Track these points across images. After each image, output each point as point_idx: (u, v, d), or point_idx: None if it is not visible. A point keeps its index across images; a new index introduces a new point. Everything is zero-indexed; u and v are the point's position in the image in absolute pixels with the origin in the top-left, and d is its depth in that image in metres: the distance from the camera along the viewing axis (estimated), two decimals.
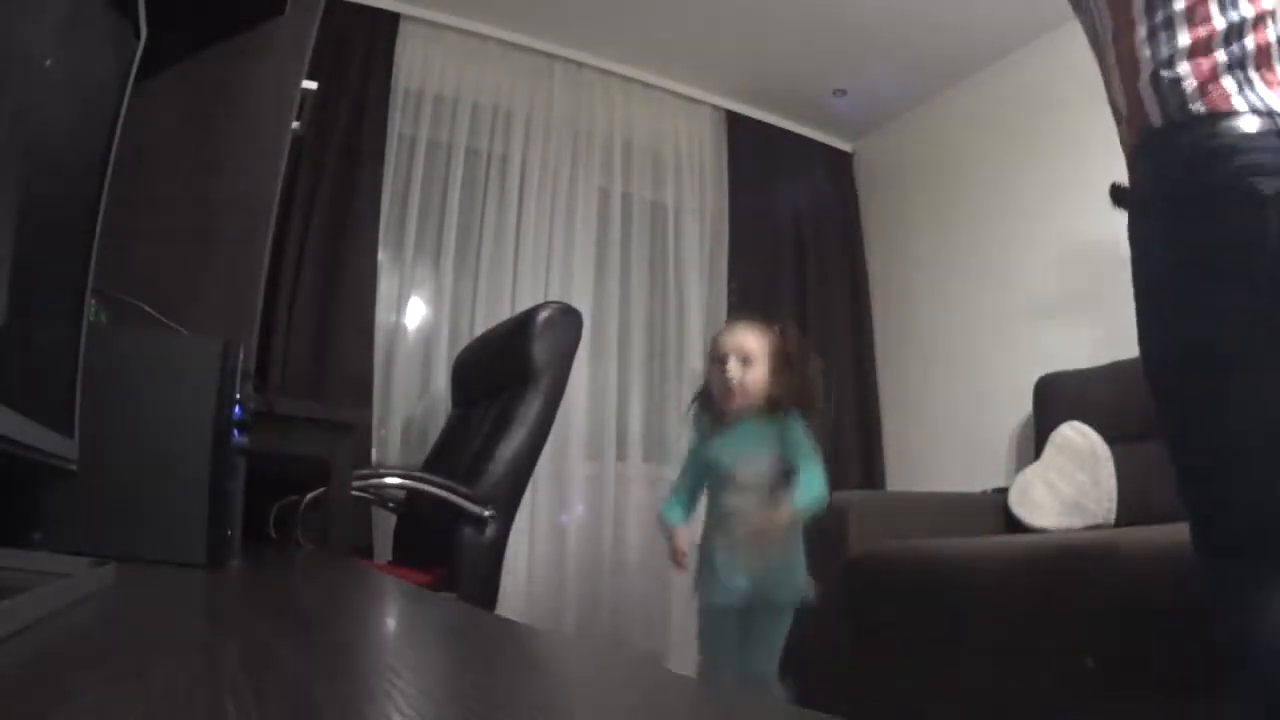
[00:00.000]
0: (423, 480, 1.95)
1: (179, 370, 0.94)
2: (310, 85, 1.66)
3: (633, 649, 2.88)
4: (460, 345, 2.74)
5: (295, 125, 1.63)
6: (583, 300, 3.01)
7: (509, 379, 2.10)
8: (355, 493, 1.82)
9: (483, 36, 3.17)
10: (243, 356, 0.97)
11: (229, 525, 0.93)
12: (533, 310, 2.15)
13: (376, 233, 2.83)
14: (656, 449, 3.12)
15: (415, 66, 3.04)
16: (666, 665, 2.76)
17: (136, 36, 0.82)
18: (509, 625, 0.75)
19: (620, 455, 3.08)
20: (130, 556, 0.83)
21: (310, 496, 1.69)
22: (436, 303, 3.00)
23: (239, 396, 0.96)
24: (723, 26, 3.13)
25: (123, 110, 0.79)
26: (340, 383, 2.65)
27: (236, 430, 0.95)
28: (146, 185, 1.40)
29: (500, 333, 2.31)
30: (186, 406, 0.92)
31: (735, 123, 3.59)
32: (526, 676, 0.51)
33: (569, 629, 2.84)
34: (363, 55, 2.91)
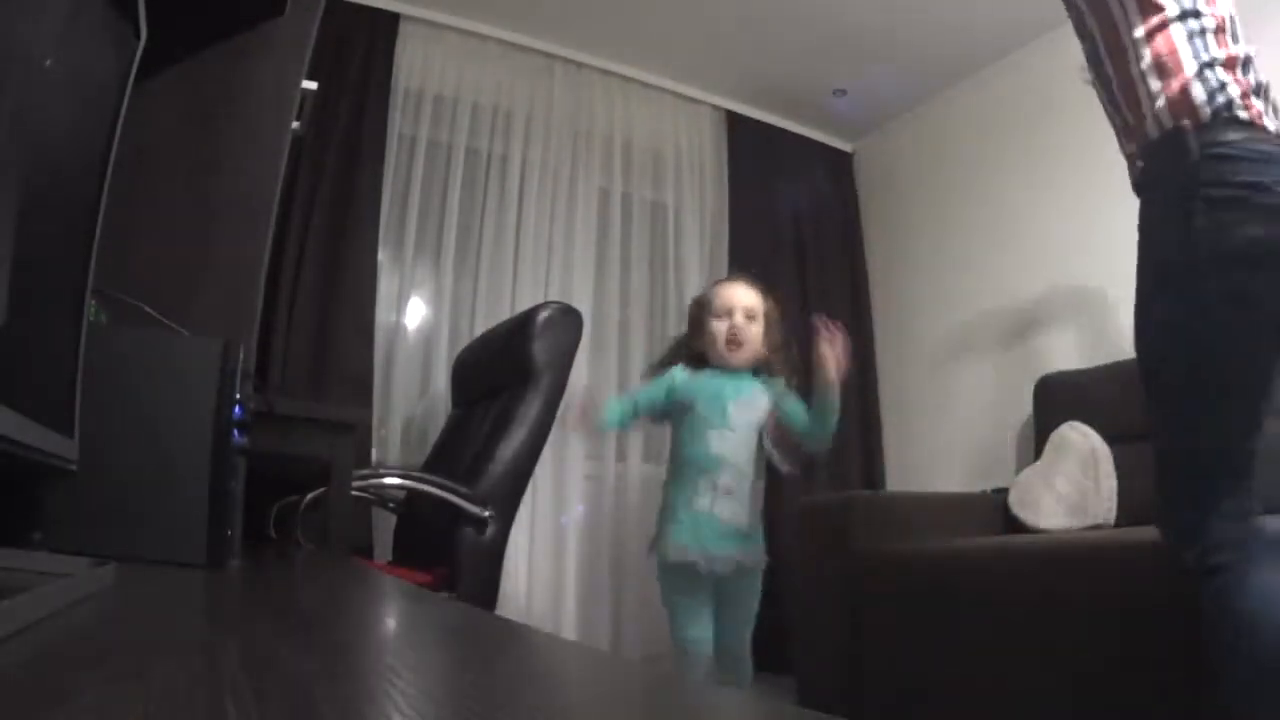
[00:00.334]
0: (422, 480, 1.95)
1: (179, 370, 0.94)
2: (310, 85, 1.66)
3: (632, 649, 2.88)
4: (460, 345, 2.74)
5: (295, 125, 1.63)
6: (583, 300, 3.01)
7: (509, 379, 2.10)
8: (355, 493, 1.82)
9: (483, 36, 3.17)
10: (243, 356, 0.97)
11: (229, 525, 0.93)
12: (533, 310, 2.15)
13: (376, 233, 2.83)
14: (656, 449, 3.13)
15: (415, 66, 3.04)
16: (666, 665, 2.76)
17: (136, 36, 0.82)
18: (509, 625, 0.75)
19: (620, 455, 3.08)
20: (130, 556, 0.83)
21: (310, 496, 1.69)
22: (436, 303, 3.00)
23: (239, 396, 0.96)
24: (723, 26, 3.13)
25: (123, 110, 0.79)
26: (340, 383, 2.65)
27: (236, 430, 0.95)
28: (146, 185, 1.40)
29: (500, 333, 2.31)
30: (186, 406, 0.92)
31: (735, 123, 3.59)
32: (526, 677, 0.51)
33: (569, 629, 2.84)
34: (363, 55, 2.91)
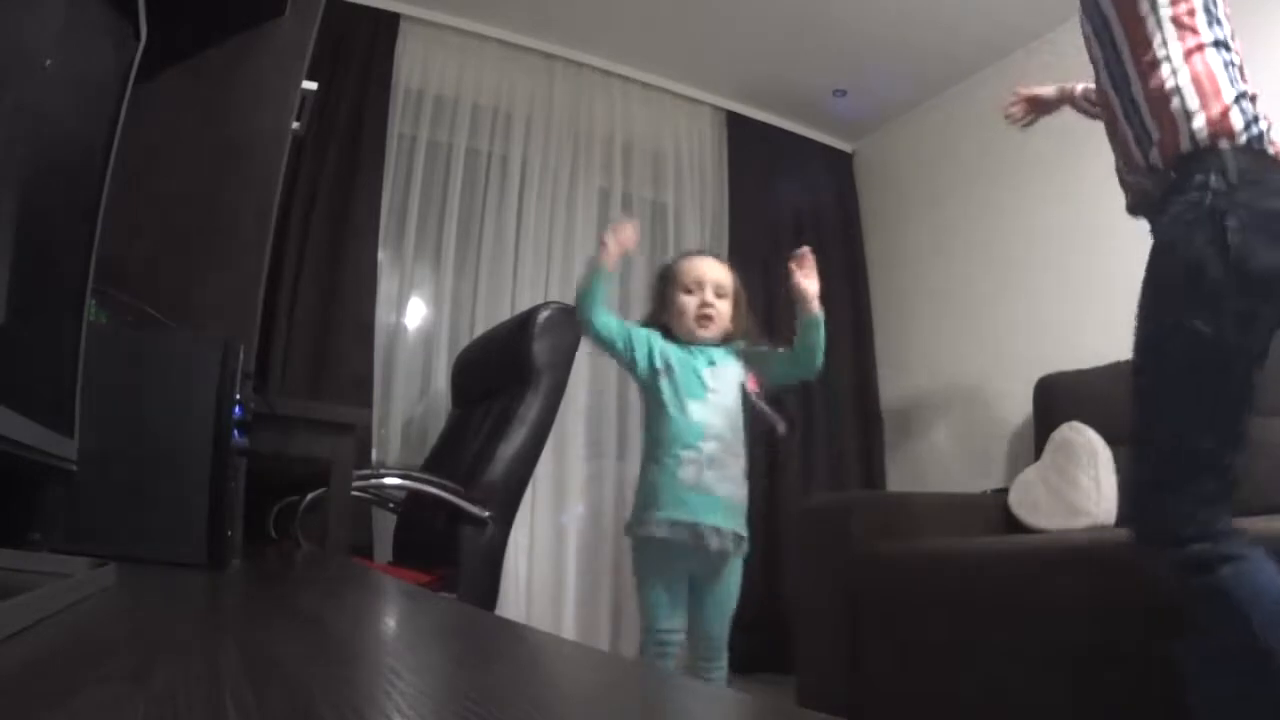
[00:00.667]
0: (422, 480, 1.95)
1: (179, 370, 0.94)
2: (310, 85, 1.66)
3: (632, 649, 2.88)
4: (460, 345, 2.74)
5: (295, 125, 1.63)
6: None
7: (509, 379, 2.10)
8: (355, 493, 1.82)
9: (483, 36, 3.17)
10: (243, 356, 0.97)
11: (229, 525, 0.93)
12: (533, 310, 2.15)
13: (376, 233, 2.83)
14: None
15: (415, 66, 3.04)
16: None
17: (136, 37, 0.81)
18: (509, 625, 0.75)
19: (620, 455, 3.08)
20: (130, 556, 0.83)
21: (310, 496, 1.69)
22: (436, 303, 3.00)
23: (239, 396, 0.96)
24: (723, 26, 3.13)
25: (123, 110, 0.79)
26: (340, 383, 2.65)
27: (236, 430, 0.95)
28: (147, 185, 1.40)
29: (500, 333, 2.31)
30: (186, 406, 0.92)
31: (735, 123, 3.59)
32: (526, 677, 0.51)
33: (569, 629, 2.84)
34: (363, 55, 2.91)
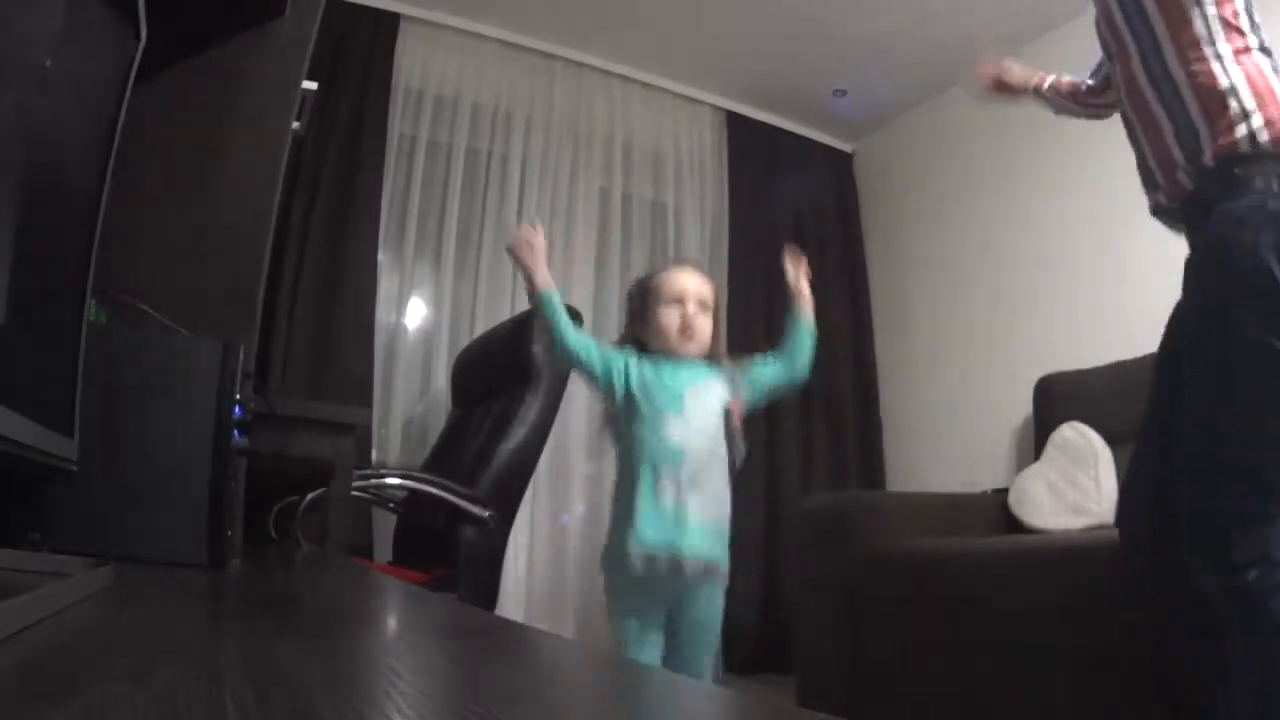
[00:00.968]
0: (423, 480, 1.95)
1: (179, 370, 0.94)
2: (310, 85, 1.66)
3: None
4: (460, 345, 2.74)
5: (295, 125, 1.63)
6: (583, 300, 3.01)
7: (509, 379, 2.10)
8: (355, 493, 1.82)
9: (483, 36, 3.17)
10: (243, 357, 0.97)
11: (229, 525, 0.93)
12: (533, 310, 2.14)
13: (376, 233, 2.83)
14: None
15: (415, 66, 3.04)
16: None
17: (136, 37, 0.81)
18: (509, 625, 0.75)
19: None
20: (130, 556, 0.83)
21: (310, 496, 1.69)
22: (436, 303, 3.00)
23: (239, 396, 0.96)
24: (723, 26, 3.13)
25: (123, 110, 0.79)
26: (340, 383, 2.65)
27: (236, 430, 0.95)
28: (147, 185, 1.40)
29: (500, 333, 2.31)
30: (186, 406, 0.92)
31: (735, 123, 3.59)
32: (526, 677, 0.51)
33: (569, 629, 2.84)
34: (363, 55, 2.91)
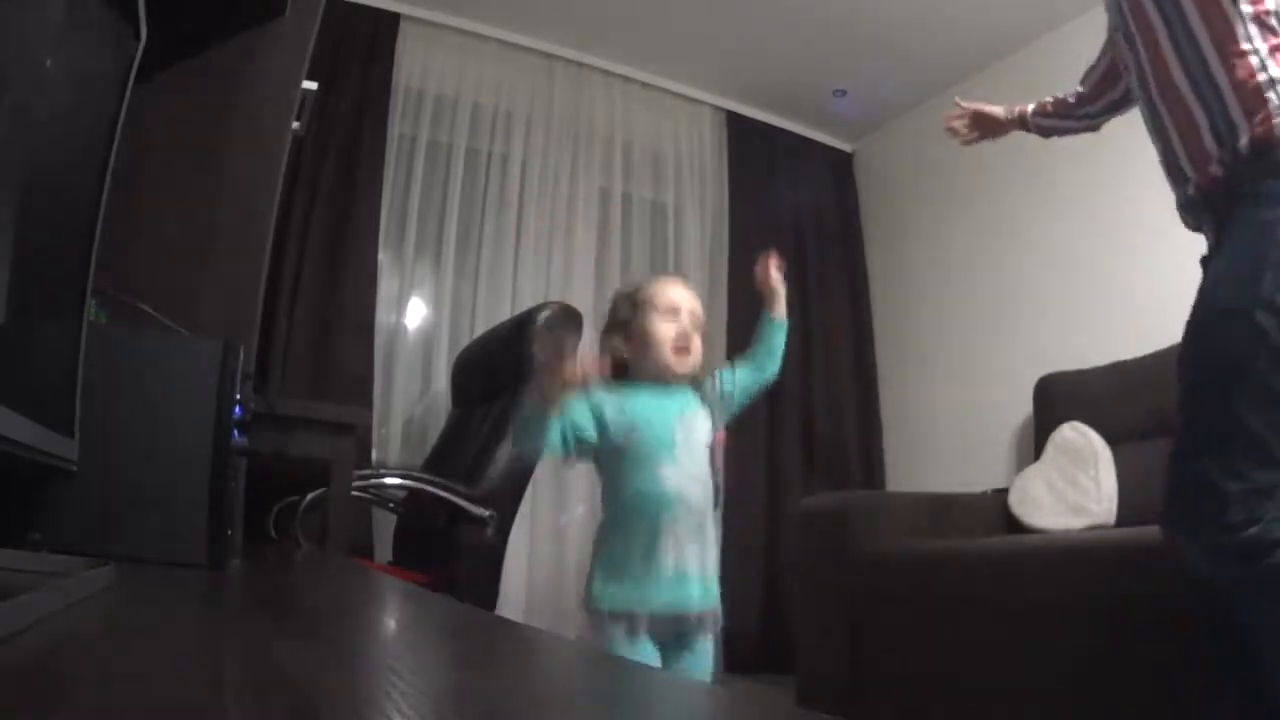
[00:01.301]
0: (423, 480, 1.95)
1: (179, 370, 0.94)
2: (310, 85, 1.66)
3: None
4: (460, 345, 2.74)
5: (295, 125, 1.63)
6: (583, 300, 3.00)
7: (509, 379, 2.10)
8: (355, 493, 1.82)
9: (483, 36, 3.17)
10: (243, 356, 0.97)
11: (229, 525, 0.93)
12: (533, 310, 2.15)
13: (376, 233, 2.83)
14: None
15: (415, 66, 3.04)
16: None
17: (136, 37, 0.82)
18: (509, 625, 0.75)
19: None
20: (130, 556, 0.83)
21: (310, 496, 1.69)
22: (436, 303, 3.00)
23: (239, 396, 0.96)
24: (723, 26, 3.13)
25: (123, 110, 0.79)
26: (340, 383, 2.65)
27: (236, 430, 0.95)
28: (147, 185, 1.40)
29: (500, 333, 2.31)
30: (186, 406, 0.92)
31: (735, 123, 3.59)
32: (526, 676, 0.51)
33: (569, 629, 2.84)
34: (363, 55, 2.91)
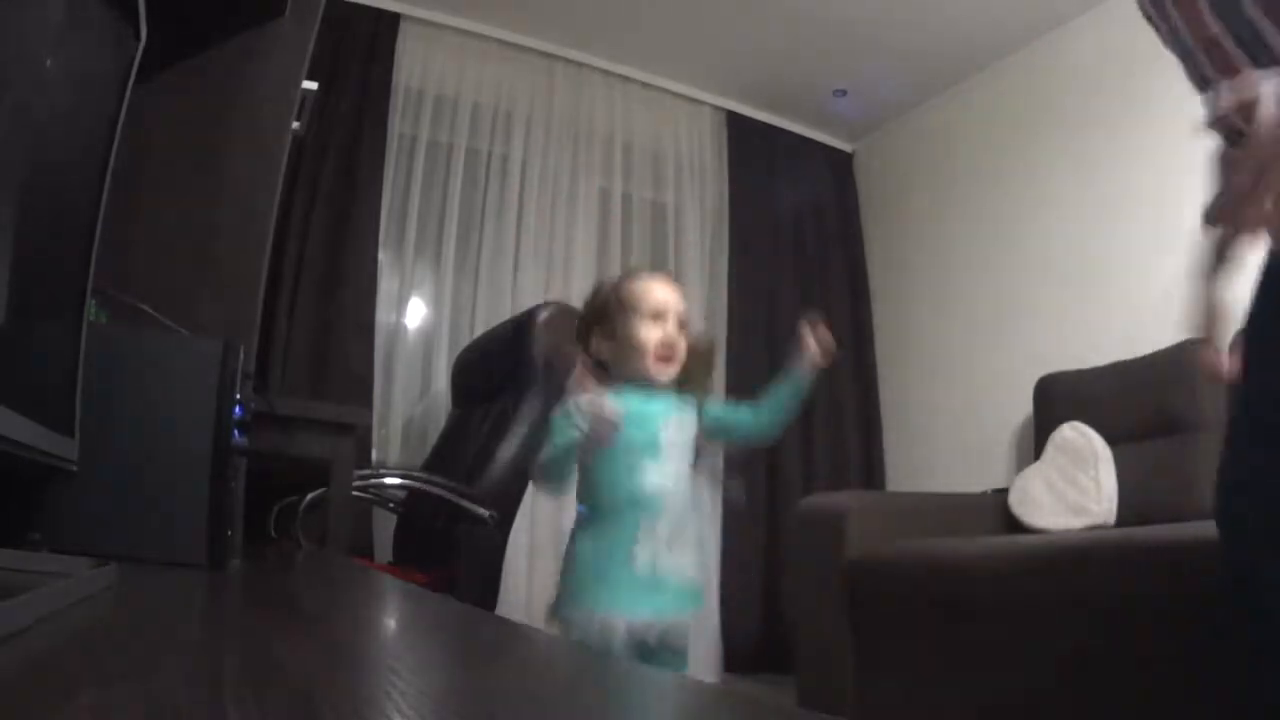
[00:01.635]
0: (423, 480, 1.95)
1: (179, 370, 0.94)
2: (310, 85, 1.66)
3: None
4: (460, 345, 2.74)
5: (295, 125, 1.63)
6: (583, 300, 3.01)
7: (510, 379, 2.10)
8: (355, 493, 1.82)
9: (483, 36, 3.17)
10: (243, 356, 0.97)
11: (229, 525, 0.93)
12: (533, 310, 2.15)
13: (376, 233, 2.83)
14: None
15: (415, 66, 3.04)
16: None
17: (136, 37, 0.82)
18: (509, 625, 0.75)
19: None
20: (130, 556, 0.83)
21: (310, 496, 1.69)
22: (436, 303, 3.00)
23: (239, 396, 0.96)
24: (723, 26, 3.13)
25: (123, 110, 0.79)
26: (340, 383, 2.65)
27: (236, 430, 0.95)
28: (147, 185, 1.40)
29: (500, 333, 2.31)
30: (186, 406, 0.92)
31: (735, 123, 3.59)
32: (525, 677, 0.51)
33: None
34: (363, 55, 2.91)
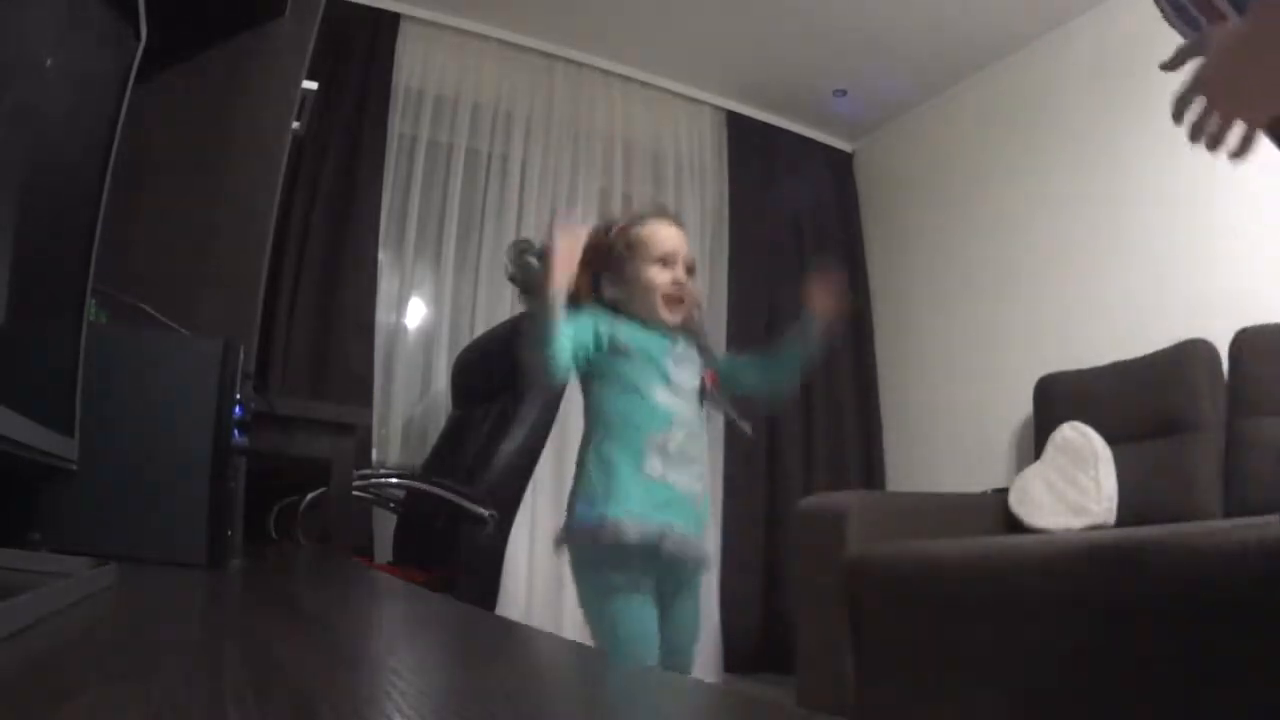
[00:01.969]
0: (423, 480, 1.95)
1: (179, 370, 0.94)
2: (310, 85, 1.66)
3: None
4: (460, 345, 2.74)
5: (295, 125, 1.64)
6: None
7: (509, 379, 2.10)
8: (355, 493, 1.82)
9: (483, 36, 3.17)
10: (243, 356, 0.97)
11: (229, 525, 0.93)
12: (533, 313, 2.14)
13: (376, 233, 2.83)
14: None
15: (415, 66, 3.04)
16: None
17: (136, 37, 0.81)
18: (509, 625, 0.75)
19: None
20: (130, 556, 0.83)
21: (310, 496, 1.69)
22: (436, 303, 3.00)
23: (239, 396, 0.96)
24: (723, 26, 3.13)
25: (123, 110, 0.79)
26: (340, 383, 2.65)
27: (236, 430, 0.95)
28: (147, 185, 1.40)
29: (500, 333, 2.31)
30: (186, 406, 0.92)
31: (735, 123, 3.59)
32: (526, 677, 0.51)
33: (569, 629, 2.84)
34: (363, 55, 2.91)
